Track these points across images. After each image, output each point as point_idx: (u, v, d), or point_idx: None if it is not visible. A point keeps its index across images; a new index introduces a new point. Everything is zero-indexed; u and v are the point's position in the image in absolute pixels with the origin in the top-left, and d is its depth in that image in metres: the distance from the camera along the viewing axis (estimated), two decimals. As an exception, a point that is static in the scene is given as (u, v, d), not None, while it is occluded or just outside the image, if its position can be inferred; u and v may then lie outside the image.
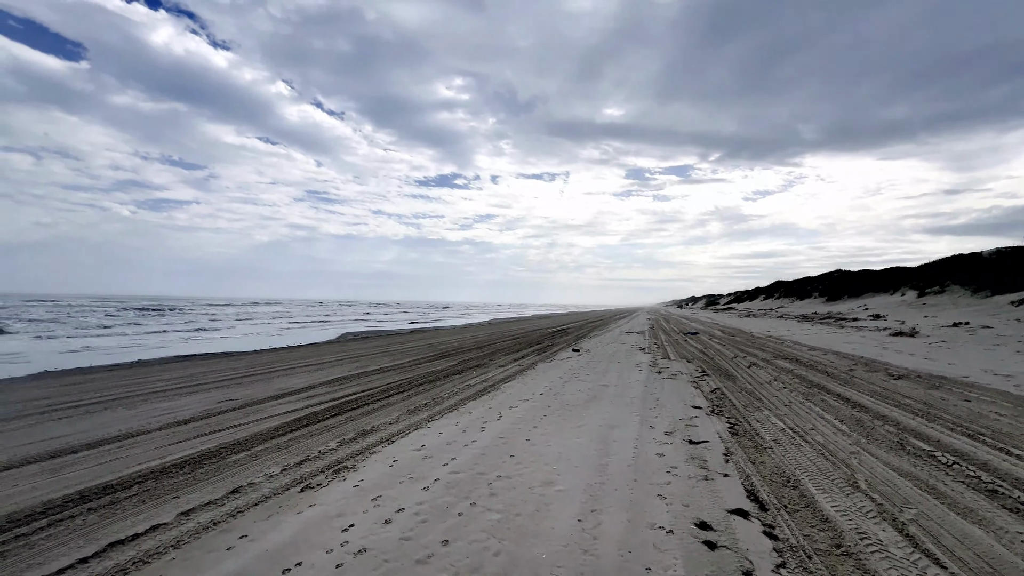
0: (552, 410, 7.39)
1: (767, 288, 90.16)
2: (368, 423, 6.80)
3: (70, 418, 7.14)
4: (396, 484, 4.44)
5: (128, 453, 5.43)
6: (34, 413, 7.43)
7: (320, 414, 7.29)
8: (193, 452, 5.45)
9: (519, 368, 12.49)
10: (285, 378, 10.91)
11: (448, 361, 13.99)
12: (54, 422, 6.90)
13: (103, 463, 5.11)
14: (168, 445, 5.75)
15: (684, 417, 6.77)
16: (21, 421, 6.94)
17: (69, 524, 3.68)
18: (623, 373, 11.13)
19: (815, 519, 3.59)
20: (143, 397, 8.67)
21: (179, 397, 8.71)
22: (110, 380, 10.77)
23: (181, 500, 4.12)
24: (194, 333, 27.31)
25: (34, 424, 6.76)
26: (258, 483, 4.50)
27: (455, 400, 8.35)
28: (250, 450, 5.55)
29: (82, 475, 4.75)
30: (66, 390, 9.47)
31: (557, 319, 50.72)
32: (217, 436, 6.12)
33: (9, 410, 7.67)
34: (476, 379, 10.70)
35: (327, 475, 4.69)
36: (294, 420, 6.91)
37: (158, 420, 6.96)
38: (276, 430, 6.38)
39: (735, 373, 10.69)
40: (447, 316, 60.21)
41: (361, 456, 5.29)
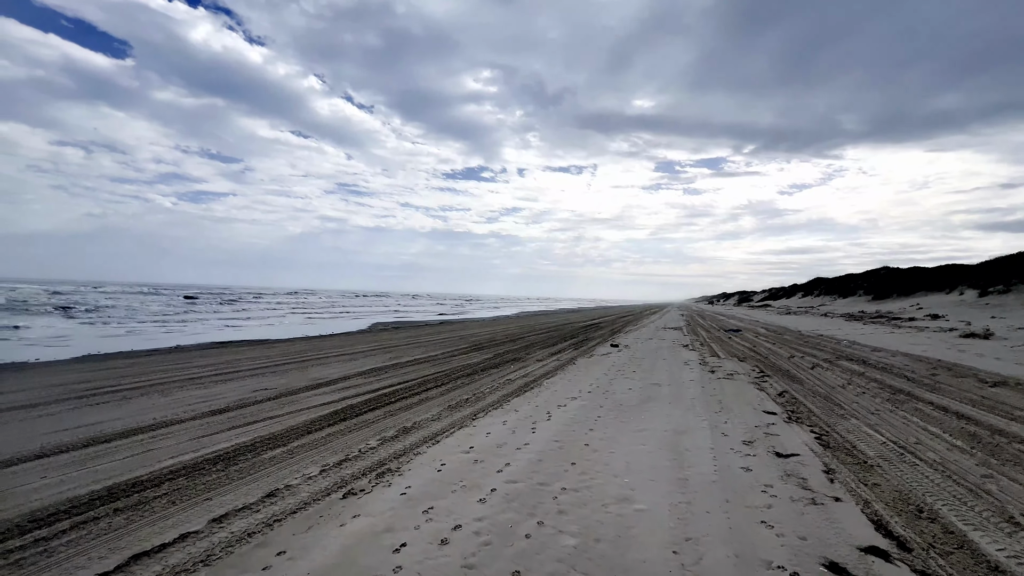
0: (606, 411, 6.76)
1: (805, 285, 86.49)
2: (409, 419, 6.33)
3: (106, 404, 6.94)
4: (448, 493, 3.91)
5: (161, 444, 5.10)
6: (72, 398, 7.28)
7: (358, 407, 6.87)
8: (227, 446, 5.08)
9: (558, 363, 11.87)
10: (319, 367, 10.63)
11: (483, 354, 13.49)
12: (91, 407, 6.70)
13: (135, 455, 4.78)
14: (202, 437, 5.40)
15: (759, 424, 6.03)
16: (59, 406, 6.78)
17: (93, 528, 3.30)
18: (673, 371, 10.37)
19: (980, 567, 2.85)
20: (179, 384, 8.48)
21: (214, 385, 8.48)
22: (149, 365, 10.73)
23: (213, 503, 3.70)
24: (230, 320, 27.80)
25: (71, 409, 6.58)
26: (296, 485, 4.05)
27: (498, 396, 7.81)
28: (286, 446, 5.14)
29: (112, 468, 4.42)
30: (106, 374, 9.41)
31: (586, 313, 49.77)
32: (252, 429, 5.75)
33: (49, 394, 7.57)
34: (515, 374, 10.15)
35: (370, 479, 4.21)
36: (331, 413, 6.50)
37: (193, 409, 6.67)
38: (313, 424, 5.98)
39: (799, 375, 9.77)
40: (474, 308, 60.05)
41: (405, 457, 4.80)
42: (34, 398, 7.22)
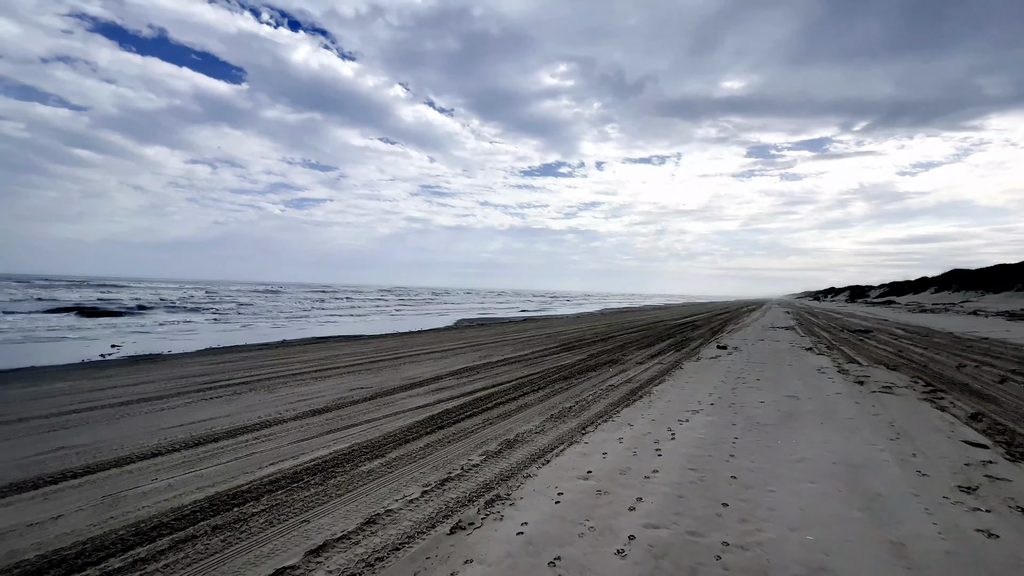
0: (741, 430, 5.62)
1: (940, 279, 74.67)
2: (509, 429, 5.69)
3: (219, 399, 7.14)
4: (574, 537, 3.15)
5: (263, 448, 4.93)
6: (191, 391, 7.64)
7: (454, 412, 6.39)
8: (325, 453, 4.77)
9: (661, 366, 10.68)
10: (412, 366, 10.47)
11: (575, 354, 12.64)
12: (206, 402, 6.91)
13: (239, 458, 4.62)
14: (301, 440, 5.18)
15: (969, 460, 4.55)
16: (179, 399, 7.09)
17: (190, 550, 3.00)
18: (807, 380, 8.76)
19: None
20: (283, 380, 8.66)
21: (314, 381, 8.54)
22: (258, 359, 11.29)
23: (311, 527, 3.28)
24: (329, 316, 29.66)
25: (188, 404, 6.82)
26: (397, 511, 3.53)
27: (603, 405, 6.94)
28: (384, 456, 4.71)
29: (216, 473, 4.24)
30: (222, 368, 9.97)
31: (675, 311, 46.76)
32: (349, 433, 5.45)
33: (173, 386, 8.03)
34: (616, 378, 9.19)
35: (479, 508, 3.58)
36: (427, 419, 6.06)
37: (294, 407, 6.61)
38: (410, 431, 5.55)
39: (987, 391, 7.73)
40: (555, 305, 59.22)
41: (514, 481, 4.13)
42: (161, 390, 7.66)
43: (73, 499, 3.69)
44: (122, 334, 17.13)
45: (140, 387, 7.88)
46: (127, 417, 6.04)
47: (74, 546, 3.00)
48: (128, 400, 6.93)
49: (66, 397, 7.10)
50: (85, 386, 7.95)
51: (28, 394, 7.31)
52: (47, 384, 8.11)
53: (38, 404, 6.65)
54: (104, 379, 8.61)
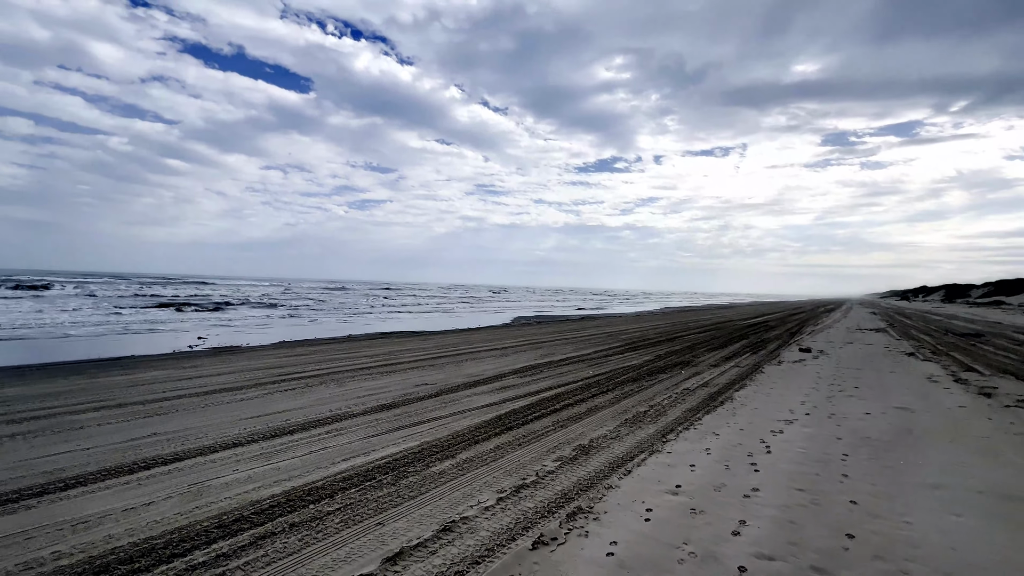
0: (849, 446, 4.92)
1: (1063, 276, 65.48)
2: (582, 433, 5.35)
3: (293, 391, 7.35)
4: (673, 564, 2.77)
5: (336, 442, 4.92)
6: (267, 382, 7.94)
7: (522, 413, 6.13)
8: (396, 451, 4.67)
9: (740, 370, 9.87)
10: (473, 363, 10.37)
11: (641, 354, 12.02)
12: (280, 394, 7.13)
13: (313, 452, 4.62)
14: (372, 436, 5.13)
15: None
16: (257, 390, 7.37)
17: (269, 548, 2.93)
18: (917, 390, 7.70)
19: None
20: (351, 374, 8.83)
21: (380, 376, 8.63)
22: (327, 353, 11.68)
23: (386, 531, 3.13)
24: (391, 312, 30.61)
25: (265, 395, 7.06)
26: (473, 518, 3.31)
27: (681, 410, 6.41)
28: (454, 457, 4.54)
29: (293, 467, 4.25)
30: (294, 361, 10.38)
31: (742, 310, 44.07)
32: (418, 431, 5.34)
33: (251, 377, 8.40)
34: (690, 381, 8.55)
35: (560, 521, 3.28)
36: (495, 419, 5.85)
37: (363, 402, 6.65)
38: (478, 431, 5.36)
39: None
40: (613, 303, 57.81)
41: (595, 491, 3.79)
42: (240, 381, 8.03)
43: (163, 486, 3.79)
44: (207, 327, 18.51)
45: (222, 377, 8.31)
46: (211, 406, 6.32)
47: (163, 535, 3.03)
48: (212, 389, 7.30)
49: (159, 385, 7.60)
50: (175, 375, 8.51)
51: (128, 381, 7.91)
52: (143, 372, 8.76)
53: (135, 391, 7.15)
54: (191, 368, 9.19)
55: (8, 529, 3.12)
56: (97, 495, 3.63)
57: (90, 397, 6.68)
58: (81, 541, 2.97)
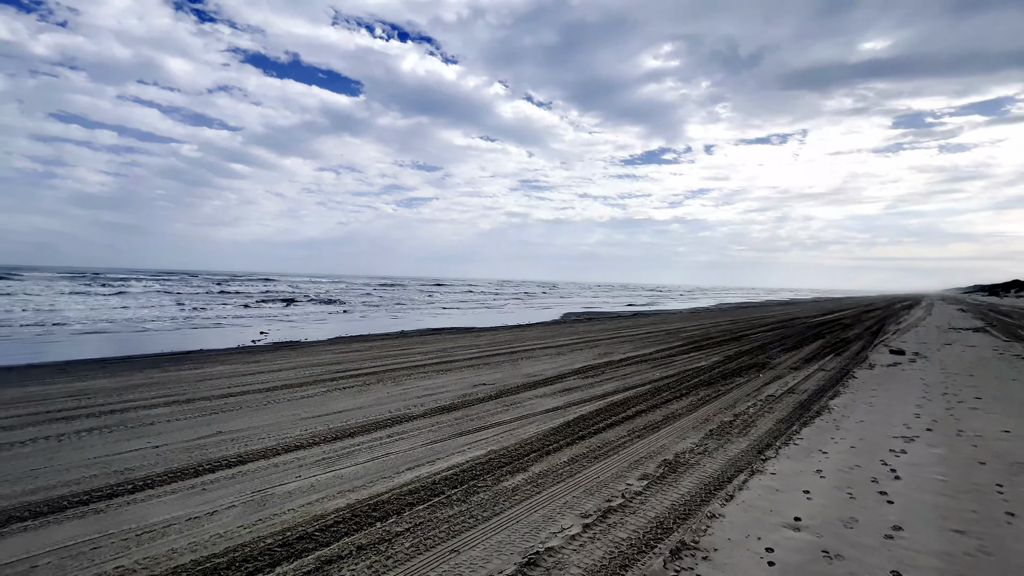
0: (998, 473, 4.09)
1: None
2: (663, 446, 4.79)
3: (351, 389, 7.23)
4: (822, 629, 2.20)
5: (398, 448, 4.64)
6: (326, 379, 7.88)
7: (591, 420, 5.64)
8: (462, 460, 4.32)
9: (825, 374, 8.87)
10: (530, 361, 9.96)
11: (708, 354, 11.17)
12: (339, 392, 7.01)
13: (375, 458, 4.36)
14: (434, 442, 4.82)
15: None
16: (316, 387, 7.30)
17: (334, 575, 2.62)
18: (1061, 403, 6.51)
19: None
20: (407, 372, 8.65)
21: (437, 375, 8.39)
22: (382, 349, 11.65)
23: (462, 562, 2.75)
24: (440, 309, 30.86)
25: (325, 392, 6.97)
26: (559, 550, 2.87)
27: (771, 421, 5.69)
28: (526, 470, 4.12)
29: (355, 474, 3.99)
30: (350, 357, 10.38)
31: (807, 306, 41.14)
32: (482, 438, 4.98)
33: (310, 374, 8.40)
34: (772, 386, 7.72)
35: (665, 561, 2.78)
36: (563, 426, 5.40)
37: (422, 403, 6.39)
38: (547, 440, 4.92)
39: None
40: (664, 299, 55.78)
41: (696, 521, 3.25)
42: (300, 377, 8.03)
43: (227, 493, 3.62)
44: (269, 322, 19.23)
45: (283, 373, 8.35)
46: (273, 404, 6.26)
47: (226, 554, 2.80)
48: (274, 386, 7.30)
49: (225, 380, 7.71)
50: (240, 370, 8.65)
51: (196, 376, 8.10)
52: (211, 367, 8.99)
53: (203, 386, 7.26)
54: (254, 364, 9.35)
55: (77, 535, 3.01)
56: (163, 500, 3.50)
57: (163, 392, 6.83)
58: (145, 556, 2.79)
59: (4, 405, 6.07)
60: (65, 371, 8.68)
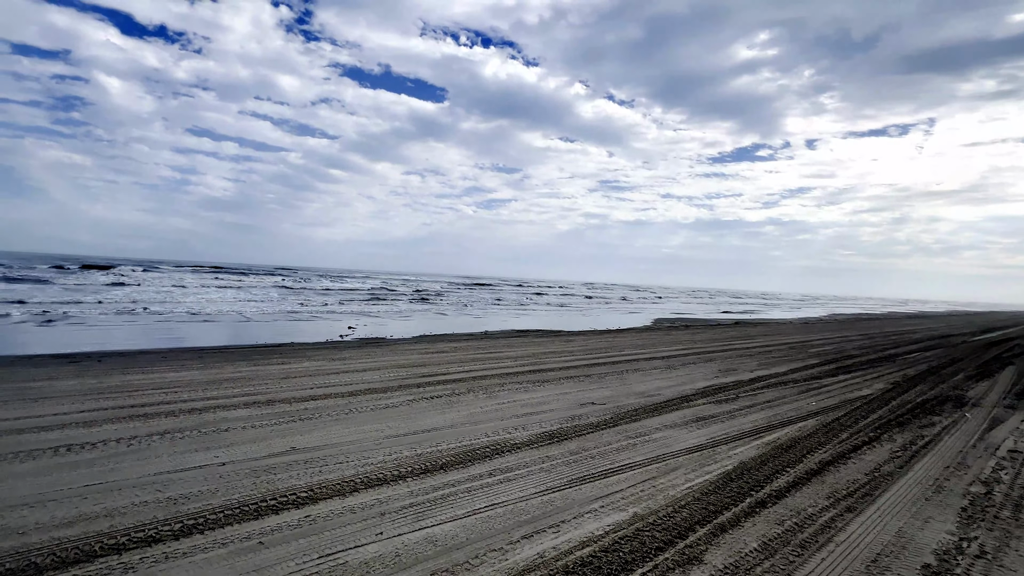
0: None
1: None
2: (902, 533, 3.15)
3: (439, 398, 6.28)
4: None
5: (505, 497, 3.48)
6: (411, 384, 7.04)
7: (758, 471, 4.09)
8: (598, 529, 3.05)
9: (1070, 419, 6.38)
10: (637, 375, 8.46)
11: (864, 380, 8.87)
12: (426, 403, 6.09)
13: (477, 511, 3.24)
14: (551, 490, 3.60)
15: None
16: (401, 394, 6.45)
17: None
18: None
19: None
20: (498, 381, 7.57)
21: (533, 387, 7.21)
22: (467, 351, 10.76)
23: None
24: (522, 309, 29.97)
25: (410, 403, 6.08)
26: None
27: None
28: (701, 561, 2.74)
29: (454, 540, 2.90)
30: (436, 359, 9.57)
31: (948, 321, 34.62)
32: (615, 488, 3.67)
33: (395, 376, 7.64)
34: (998, 433, 5.55)
35: None
36: (722, 478, 3.92)
37: (522, 424, 5.22)
38: (709, 502, 3.49)
39: None
40: (761, 306, 50.48)
41: None
42: (384, 380, 7.27)
43: (287, 554, 2.66)
44: (356, 317, 19.44)
45: (367, 375, 7.66)
46: (354, 413, 5.45)
47: None
48: (357, 390, 6.56)
49: (308, 379, 7.15)
50: (325, 368, 8.13)
51: (282, 372, 7.66)
52: (297, 362, 8.59)
53: (287, 385, 6.72)
54: (339, 361, 8.84)
55: (92, 608, 2.16)
56: (208, 557, 2.61)
57: (246, 390, 6.34)
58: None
59: (99, 394, 5.86)
60: (166, 359, 8.73)
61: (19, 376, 6.73)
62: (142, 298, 21.70)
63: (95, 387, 6.22)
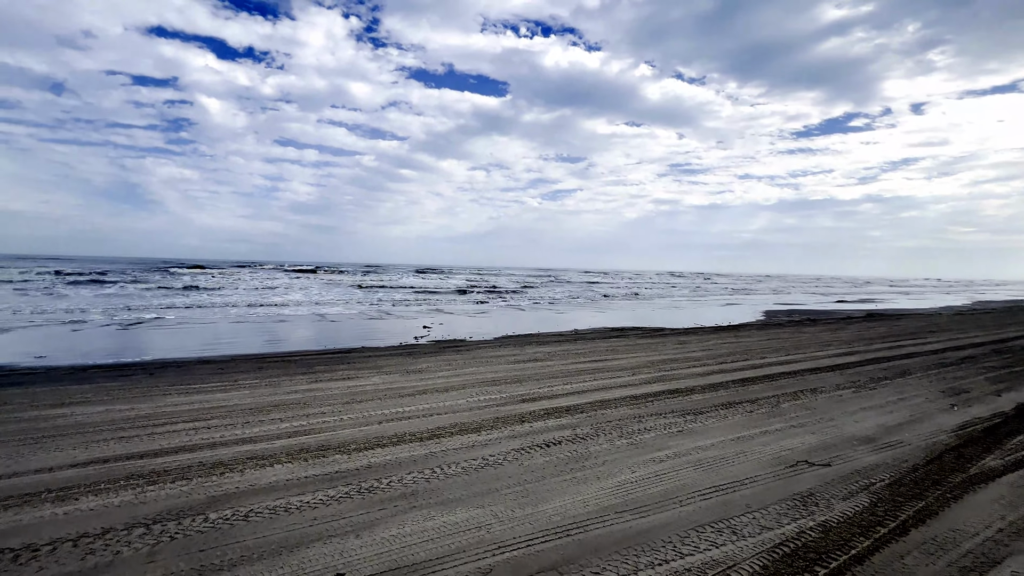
0: None
1: None
2: None
3: (557, 446, 4.24)
4: None
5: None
6: (512, 420, 5.07)
7: None
8: None
9: None
10: (824, 400, 5.86)
11: None
12: (540, 453, 4.06)
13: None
14: None
15: None
16: (502, 439, 4.50)
17: None
18: None
19: None
20: (630, 411, 5.38)
21: (685, 422, 4.95)
22: (565, 359, 8.65)
23: None
24: (604, 301, 27.39)
25: (518, 455, 4.09)
26: None
27: None
28: None
29: None
30: (530, 370, 7.56)
31: None
32: None
33: (484, 401, 5.73)
34: None
35: None
36: None
37: (724, 516, 3.01)
38: None
39: None
40: (876, 293, 43.51)
41: None
42: (473, 408, 5.38)
43: None
44: (431, 314, 18.09)
45: (450, 397, 5.82)
46: (440, 478, 3.54)
47: None
48: (439, 427, 4.70)
49: (376, 405, 5.43)
50: (396, 385, 6.42)
51: (346, 392, 6.04)
52: (365, 376, 6.98)
53: (349, 416, 5.03)
54: (415, 374, 7.11)
55: None
56: None
57: (296, 425, 4.71)
58: None
59: (113, 432, 4.49)
60: (223, 370, 7.52)
61: (47, 399, 5.63)
62: (232, 300, 22.01)
63: (118, 419, 4.88)
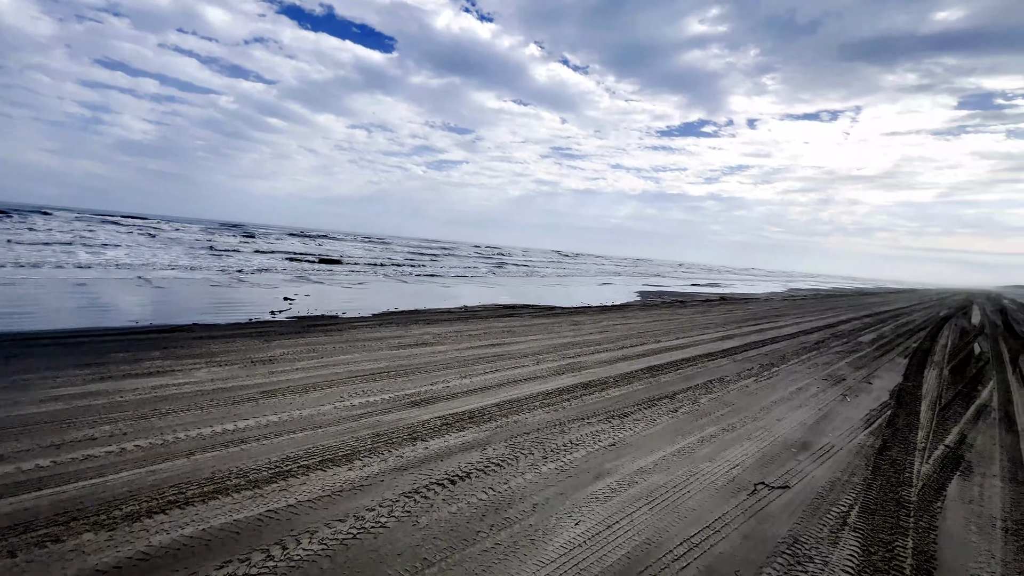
0: None
1: None
2: None
3: (472, 501, 3.05)
4: None
5: None
6: (401, 441, 3.75)
7: None
8: None
9: None
10: (737, 395, 5.61)
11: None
12: (448, 509, 2.84)
13: None
14: None
15: None
16: (389, 485, 3.16)
17: None
18: None
19: None
20: (549, 415, 4.41)
21: (615, 429, 4.14)
22: (458, 342, 7.46)
23: None
24: (492, 277, 26.68)
25: (414, 517, 2.80)
26: None
27: None
28: None
29: None
30: (419, 358, 6.23)
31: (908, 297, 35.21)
32: None
33: (359, 412, 4.28)
34: None
35: None
36: None
37: None
38: None
39: None
40: (720, 280, 50.25)
41: None
42: (344, 422, 3.92)
43: None
44: (298, 283, 15.40)
45: (310, 407, 4.25)
46: (268, 522, 2.11)
47: None
48: (282, 426, 3.18)
49: (194, 423, 3.65)
50: (233, 387, 4.60)
51: (147, 400, 4.07)
52: (186, 372, 4.97)
53: (146, 431, 3.20)
54: (262, 367, 5.29)
55: None
56: None
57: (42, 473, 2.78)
58: None
59: None
60: None
61: None
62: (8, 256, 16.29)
63: None
